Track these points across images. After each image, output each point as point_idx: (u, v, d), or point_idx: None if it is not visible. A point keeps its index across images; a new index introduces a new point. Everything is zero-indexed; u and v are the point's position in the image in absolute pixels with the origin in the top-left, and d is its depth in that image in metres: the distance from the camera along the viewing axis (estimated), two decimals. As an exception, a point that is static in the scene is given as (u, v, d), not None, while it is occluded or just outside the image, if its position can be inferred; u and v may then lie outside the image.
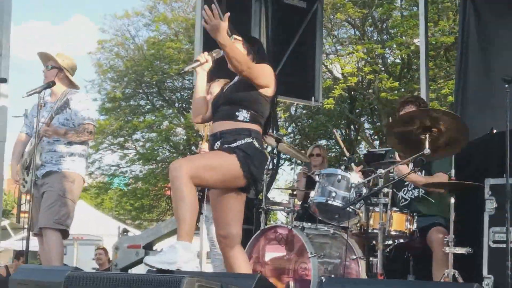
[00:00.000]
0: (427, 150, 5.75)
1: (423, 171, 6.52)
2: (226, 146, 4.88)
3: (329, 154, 23.69)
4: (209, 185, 5.08)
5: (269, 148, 8.08)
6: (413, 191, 6.63)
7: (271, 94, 5.05)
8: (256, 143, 4.92)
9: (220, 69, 5.37)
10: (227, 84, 5.29)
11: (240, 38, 5.19)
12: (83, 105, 6.86)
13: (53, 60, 7.02)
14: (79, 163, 6.85)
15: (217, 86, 6.18)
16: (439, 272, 5.95)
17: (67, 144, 6.80)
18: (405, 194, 6.68)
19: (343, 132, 25.36)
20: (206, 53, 5.27)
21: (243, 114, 4.95)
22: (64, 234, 6.73)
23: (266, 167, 5.03)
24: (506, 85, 5.62)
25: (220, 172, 4.81)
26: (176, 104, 29.13)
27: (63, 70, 7.00)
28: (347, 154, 7.89)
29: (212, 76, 5.54)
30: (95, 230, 22.38)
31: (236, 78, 5.19)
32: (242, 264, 5.05)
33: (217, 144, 4.96)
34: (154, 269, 4.44)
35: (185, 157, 5.19)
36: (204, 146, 6.65)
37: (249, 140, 4.90)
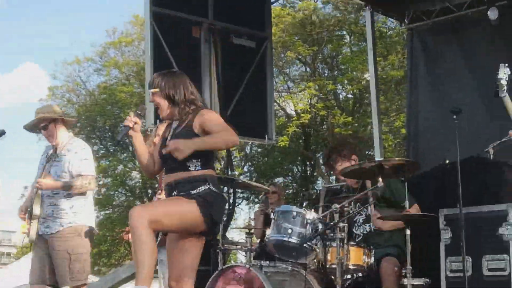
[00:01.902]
0: (380, 183, 5.81)
1: (368, 208, 6.57)
2: (184, 193, 4.87)
3: (286, 191, 23.72)
4: (169, 230, 5.05)
5: (225, 189, 8.06)
6: (365, 226, 6.66)
7: None
8: (213, 188, 4.92)
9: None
10: (167, 131, 5.23)
11: (155, 90, 5.16)
12: (81, 155, 6.72)
13: (43, 119, 6.76)
14: (81, 215, 6.70)
15: (162, 128, 6.15)
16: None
17: (67, 197, 6.70)
18: (357, 230, 6.71)
19: (299, 169, 25.44)
20: (132, 114, 5.23)
21: (193, 164, 4.94)
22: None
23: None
24: (455, 116, 5.69)
25: (180, 217, 4.80)
26: (130, 148, 28.94)
27: (56, 119, 6.80)
28: None
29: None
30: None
31: (175, 124, 5.16)
32: None
33: (174, 193, 4.95)
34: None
35: (144, 204, 5.15)
36: (162, 196, 6.62)
37: (205, 187, 4.90)
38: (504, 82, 4.10)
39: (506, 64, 4.11)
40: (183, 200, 4.84)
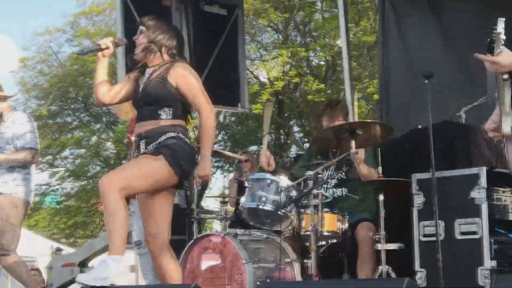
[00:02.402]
0: (354, 150, 5.83)
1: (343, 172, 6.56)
2: (151, 147, 4.88)
3: (260, 159, 23.73)
4: (142, 192, 5.06)
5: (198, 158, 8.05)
6: (335, 189, 6.65)
7: None
8: (182, 137, 4.94)
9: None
10: (141, 79, 5.20)
11: (143, 28, 5.13)
12: (25, 128, 6.71)
13: None
14: (22, 187, 6.71)
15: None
16: (364, 268, 6.03)
17: (9, 169, 6.67)
18: (326, 192, 6.68)
19: (273, 136, 25.44)
20: (110, 38, 5.20)
21: (165, 112, 4.95)
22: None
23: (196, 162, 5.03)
24: (426, 81, 5.70)
25: (150, 177, 4.82)
26: (104, 119, 28.84)
27: None
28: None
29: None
30: (28, 251, 21.96)
31: (149, 71, 5.14)
32: (172, 267, 5.04)
33: (142, 143, 4.96)
34: (87, 287, 4.40)
35: (112, 170, 5.17)
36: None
37: (173, 135, 4.91)
38: (503, 36, 4.02)
39: (504, 19, 4.04)
40: (150, 158, 4.86)
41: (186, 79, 5.03)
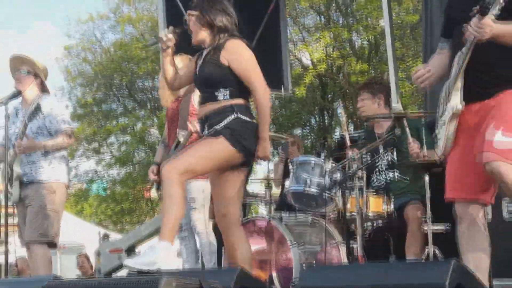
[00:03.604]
0: (397, 130, 5.79)
1: (394, 153, 6.51)
2: (212, 130, 4.90)
3: (305, 141, 23.70)
4: (206, 173, 5.16)
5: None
6: (387, 172, 6.61)
7: None
8: (242, 116, 4.93)
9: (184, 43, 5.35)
10: (197, 63, 5.22)
11: (194, 13, 5.13)
12: (56, 111, 6.76)
13: (29, 64, 6.82)
14: (59, 171, 6.75)
15: (178, 60, 6.14)
16: (412, 247, 5.98)
17: (44, 153, 6.71)
18: (380, 176, 6.65)
19: (317, 119, 25.36)
20: (170, 29, 5.23)
21: (222, 93, 4.96)
22: (51, 245, 6.67)
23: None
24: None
25: (212, 158, 4.83)
26: (148, 105, 28.97)
27: (39, 75, 6.86)
28: None
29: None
30: (77, 237, 22.24)
31: (204, 53, 5.15)
32: (243, 245, 5.06)
33: (206, 127, 5.00)
34: (135, 271, 4.42)
35: (175, 157, 5.20)
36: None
37: (233, 116, 4.91)
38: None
39: None
40: (210, 140, 4.88)
41: (237, 56, 5.01)
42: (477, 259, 4.31)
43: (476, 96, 4.28)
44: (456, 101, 4.24)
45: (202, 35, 5.11)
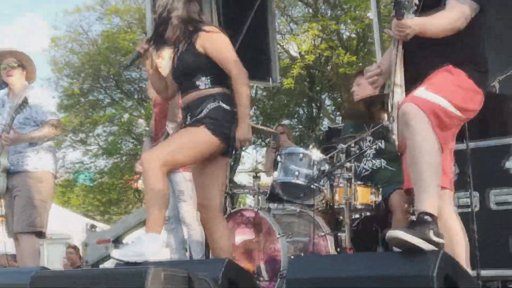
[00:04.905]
0: (386, 122, 5.77)
1: (383, 141, 6.50)
2: (194, 119, 4.86)
3: (293, 133, 23.74)
4: (188, 164, 5.12)
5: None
6: (374, 161, 6.61)
7: None
8: (223, 105, 4.89)
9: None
10: (174, 55, 5.20)
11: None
12: (43, 102, 6.74)
13: (14, 56, 6.82)
14: (46, 160, 6.73)
15: (166, 50, 6.11)
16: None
17: (31, 143, 6.69)
18: (365, 165, 6.65)
19: (305, 110, 25.39)
20: (144, 39, 5.23)
21: (203, 82, 4.93)
22: (39, 235, 6.65)
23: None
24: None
25: (193, 148, 4.79)
26: (135, 96, 28.95)
27: (25, 66, 6.85)
28: None
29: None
30: (63, 228, 22.20)
31: (180, 46, 5.12)
32: (222, 235, 5.01)
33: (188, 116, 4.96)
34: (122, 262, 4.41)
35: (156, 146, 5.17)
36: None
37: (214, 104, 4.87)
38: (416, 1, 3.84)
39: None
40: (191, 129, 4.84)
41: (211, 42, 4.99)
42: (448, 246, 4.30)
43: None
44: (397, 98, 4.23)
45: (174, 31, 5.09)
